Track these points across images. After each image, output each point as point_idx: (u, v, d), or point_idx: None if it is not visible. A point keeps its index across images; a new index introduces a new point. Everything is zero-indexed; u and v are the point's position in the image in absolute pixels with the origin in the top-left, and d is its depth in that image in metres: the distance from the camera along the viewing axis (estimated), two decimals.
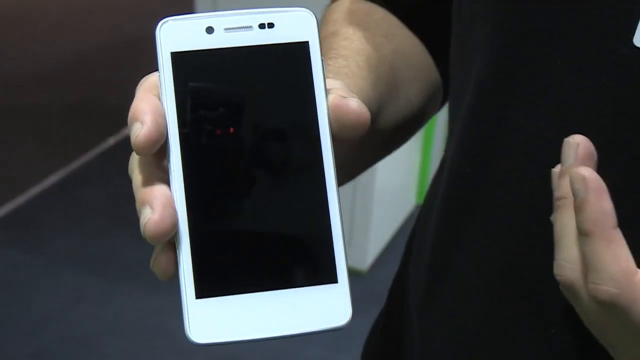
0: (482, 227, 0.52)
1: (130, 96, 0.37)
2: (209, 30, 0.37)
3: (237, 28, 0.37)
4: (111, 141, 2.99)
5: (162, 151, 0.36)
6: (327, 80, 0.39)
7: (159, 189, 0.36)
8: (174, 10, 0.41)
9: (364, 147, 0.52)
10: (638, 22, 0.42)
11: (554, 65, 0.46)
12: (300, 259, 0.37)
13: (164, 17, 0.37)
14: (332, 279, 0.36)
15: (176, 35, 0.37)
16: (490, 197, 0.51)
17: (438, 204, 0.57)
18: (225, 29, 0.37)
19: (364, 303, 0.95)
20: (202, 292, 0.36)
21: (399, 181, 2.48)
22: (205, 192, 0.36)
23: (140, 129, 0.35)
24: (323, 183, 0.37)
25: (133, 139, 0.35)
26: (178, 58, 0.37)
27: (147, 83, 0.37)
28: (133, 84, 0.39)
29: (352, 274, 2.01)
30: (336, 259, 0.36)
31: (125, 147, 2.98)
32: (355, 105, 0.38)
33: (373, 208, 2.22)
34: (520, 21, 0.47)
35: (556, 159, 0.46)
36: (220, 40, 0.37)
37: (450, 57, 0.59)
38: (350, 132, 0.38)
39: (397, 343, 0.62)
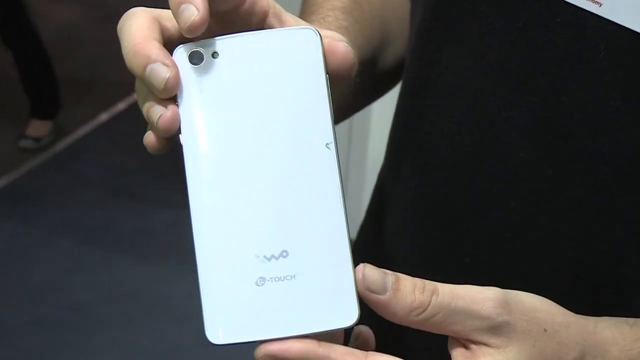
0: (415, 164, 0.56)
1: (123, 71, 0.42)
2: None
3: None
4: (104, 116, 3.02)
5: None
6: (321, 30, 0.43)
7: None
8: None
9: (357, 92, 0.57)
10: None
11: (478, 9, 0.50)
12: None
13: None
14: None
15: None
16: (423, 135, 0.55)
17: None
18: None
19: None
20: None
21: None
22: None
23: (195, 13, 0.39)
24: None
25: (187, 20, 0.39)
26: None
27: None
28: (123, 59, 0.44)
29: None
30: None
31: (118, 121, 3.01)
32: (343, 47, 0.43)
33: (365, 183, 2.26)
34: None
35: (478, 98, 0.50)
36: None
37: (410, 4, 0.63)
38: (340, 71, 0.43)
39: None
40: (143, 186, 2.63)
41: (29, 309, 2.11)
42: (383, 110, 2.08)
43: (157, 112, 0.41)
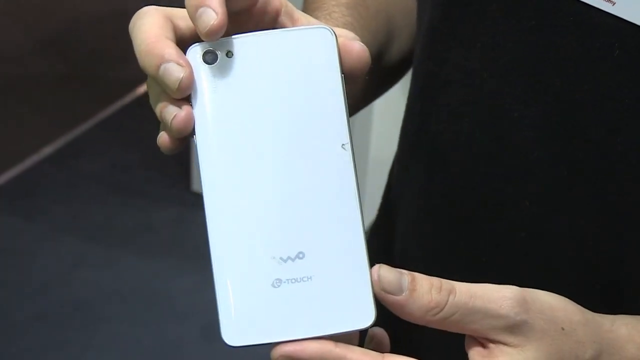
0: (426, 164, 0.56)
1: (124, 67, 0.41)
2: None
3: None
4: (106, 112, 3.02)
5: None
6: (335, 28, 0.43)
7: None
8: None
9: (365, 88, 0.57)
10: None
11: (489, 9, 0.50)
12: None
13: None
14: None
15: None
16: (434, 135, 0.55)
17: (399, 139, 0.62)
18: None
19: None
20: None
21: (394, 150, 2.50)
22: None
23: (214, 17, 0.39)
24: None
25: (206, 25, 0.39)
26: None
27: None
28: (127, 55, 0.44)
29: None
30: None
31: (120, 117, 3.02)
32: (358, 47, 0.43)
33: (367, 181, 2.26)
34: None
35: (490, 98, 0.50)
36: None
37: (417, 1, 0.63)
38: (355, 70, 0.43)
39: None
40: (145, 182, 2.64)
41: (30, 305, 2.11)
42: (385, 109, 2.10)
43: (171, 113, 0.40)
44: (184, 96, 0.41)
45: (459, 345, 0.43)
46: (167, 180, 2.63)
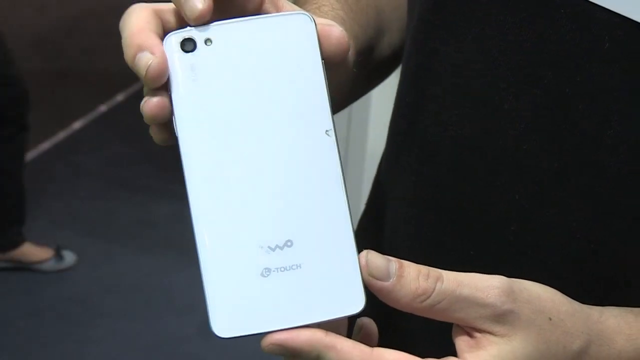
0: (417, 156, 0.56)
1: (122, 62, 0.42)
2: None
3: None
4: (103, 107, 3.02)
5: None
6: (319, 18, 0.43)
7: (155, 38, 0.41)
8: None
9: (355, 82, 0.56)
10: None
11: (481, 0, 0.50)
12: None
13: None
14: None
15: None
16: (425, 127, 0.55)
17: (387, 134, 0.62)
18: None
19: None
20: None
21: None
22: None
23: (201, 2, 0.40)
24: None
25: (193, 9, 0.40)
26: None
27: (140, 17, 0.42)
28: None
29: None
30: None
31: (117, 113, 3.02)
32: (337, 32, 0.43)
33: (364, 176, 2.26)
34: None
35: (481, 90, 0.50)
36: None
37: None
38: (335, 56, 0.43)
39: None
40: (143, 177, 2.64)
41: (30, 300, 2.12)
42: (382, 103, 2.08)
43: (145, 101, 0.41)
44: (159, 84, 0.40)
45: (446, 335, 0.43)
46: (166, 175, 2.63)
